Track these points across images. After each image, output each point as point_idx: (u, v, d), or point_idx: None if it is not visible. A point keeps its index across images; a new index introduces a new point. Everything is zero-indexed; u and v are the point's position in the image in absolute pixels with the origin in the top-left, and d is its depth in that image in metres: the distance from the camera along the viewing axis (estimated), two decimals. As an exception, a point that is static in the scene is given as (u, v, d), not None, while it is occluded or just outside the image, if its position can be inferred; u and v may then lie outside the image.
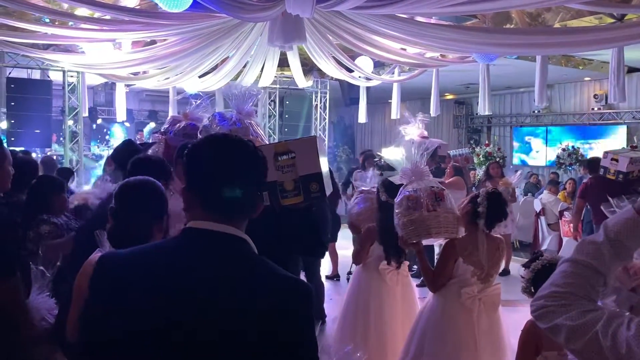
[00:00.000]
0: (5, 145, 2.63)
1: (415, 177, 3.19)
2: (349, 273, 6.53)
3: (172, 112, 9.25)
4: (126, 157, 2.91)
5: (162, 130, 3.45)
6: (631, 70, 9.72)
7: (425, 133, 6.17)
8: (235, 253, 1.29)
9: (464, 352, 3.05)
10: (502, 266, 3.89)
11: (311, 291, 1.26)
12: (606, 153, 6.43)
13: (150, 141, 4.15)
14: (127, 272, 1.29)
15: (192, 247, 1.30)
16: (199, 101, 3.37)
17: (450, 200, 3.14)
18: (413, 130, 5.66)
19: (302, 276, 6.24)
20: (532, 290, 2.36)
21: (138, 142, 4.34)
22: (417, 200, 3.07)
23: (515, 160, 13.18)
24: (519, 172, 8.03)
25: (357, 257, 3.85)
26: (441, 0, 4.44)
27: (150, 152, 3.44)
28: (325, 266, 6.25)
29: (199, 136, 3.22)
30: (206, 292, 1.21)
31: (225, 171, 1.32)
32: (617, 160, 6.01)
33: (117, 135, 14.29)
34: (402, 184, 3.26)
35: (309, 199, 2.13)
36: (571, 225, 7.86)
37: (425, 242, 3.27)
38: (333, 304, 5.66)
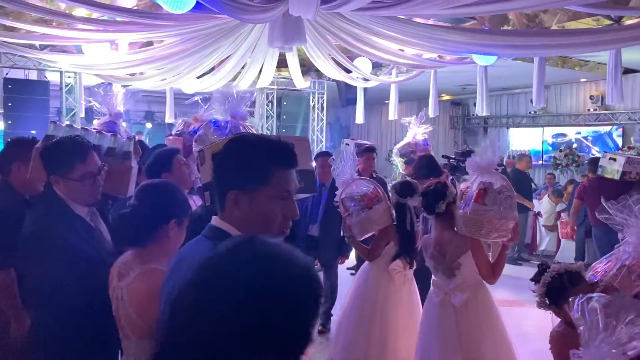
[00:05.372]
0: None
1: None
2: (350, 268, 6.49)
3: (169, 113, 9.22)
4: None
5: (176, 132, 3.57)
6: (627, 71, 9.77)
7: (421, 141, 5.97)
8: (200, 251, 1.34)
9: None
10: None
11: None
12: (605, 153, 6.51)
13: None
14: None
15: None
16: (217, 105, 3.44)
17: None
18: (418, 130, 5.77)
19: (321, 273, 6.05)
20: (548, 302, 2.34)
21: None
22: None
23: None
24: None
25: (371, 255, 3.88)
26: (443, 2, 4.45)
27: None
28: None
29: (194, 146, 3.26)
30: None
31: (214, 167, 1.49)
32: (614, 160, 6.06)
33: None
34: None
35: None
36: (569, 226, 7.89)
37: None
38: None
